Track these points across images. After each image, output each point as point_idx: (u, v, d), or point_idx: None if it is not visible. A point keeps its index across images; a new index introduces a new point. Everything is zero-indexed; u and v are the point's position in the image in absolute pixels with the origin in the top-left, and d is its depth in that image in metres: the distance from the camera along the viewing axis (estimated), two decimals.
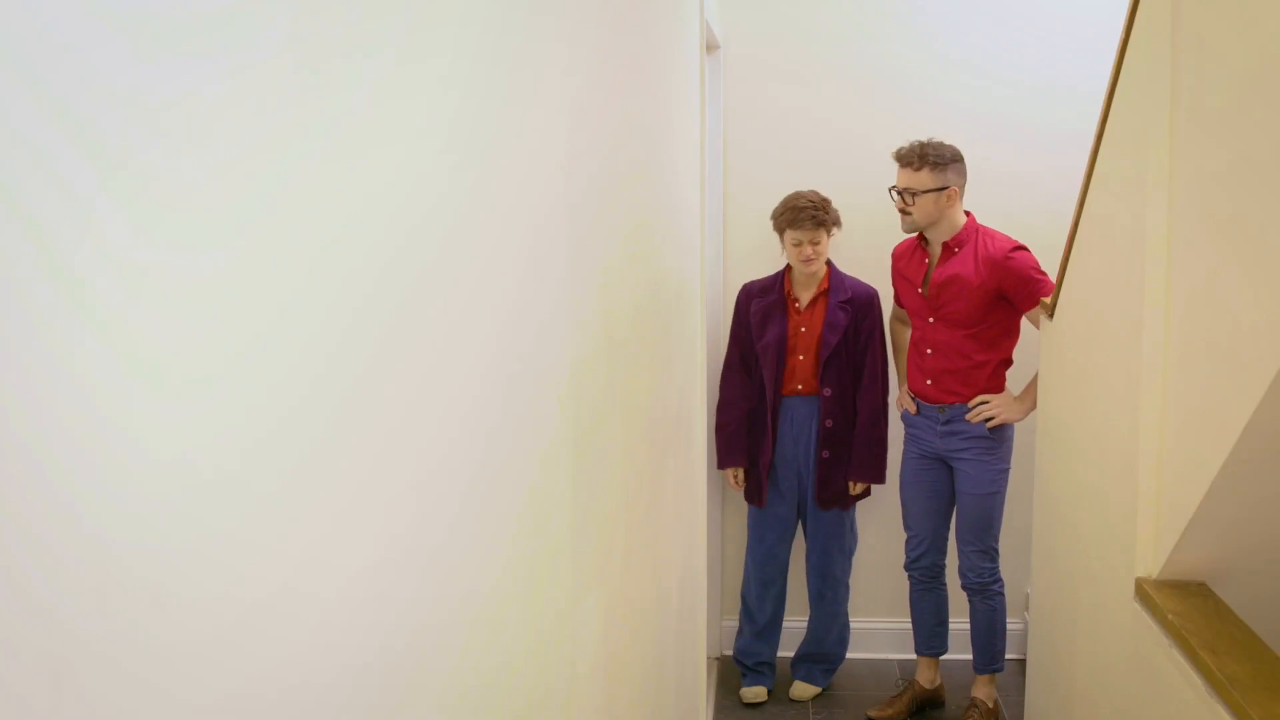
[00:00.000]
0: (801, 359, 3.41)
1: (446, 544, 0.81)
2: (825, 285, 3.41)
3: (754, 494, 3.52)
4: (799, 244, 3.31)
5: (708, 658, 3.62)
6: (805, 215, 3.28)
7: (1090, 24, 3.44)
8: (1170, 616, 1.84)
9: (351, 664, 0.64)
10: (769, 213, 3.72)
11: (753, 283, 3.53)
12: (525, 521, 1.04)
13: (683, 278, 2.53)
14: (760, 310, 3.44)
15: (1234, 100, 1.65)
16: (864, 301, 3.39)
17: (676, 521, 2.49)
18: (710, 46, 3.43)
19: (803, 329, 3.41)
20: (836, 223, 3.35)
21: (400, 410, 0.71)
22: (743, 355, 3.51)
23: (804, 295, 3.43)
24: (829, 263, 3.42)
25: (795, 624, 3.73)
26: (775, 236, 3.75)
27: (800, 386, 3.43)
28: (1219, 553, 1.89)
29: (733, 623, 3.86)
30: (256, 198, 0.52)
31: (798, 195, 3.33)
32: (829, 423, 3.41)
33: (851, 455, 3.43)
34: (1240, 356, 1.59)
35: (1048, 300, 2.89)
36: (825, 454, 3.42)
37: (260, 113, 0.52)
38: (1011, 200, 3.58)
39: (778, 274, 3.48)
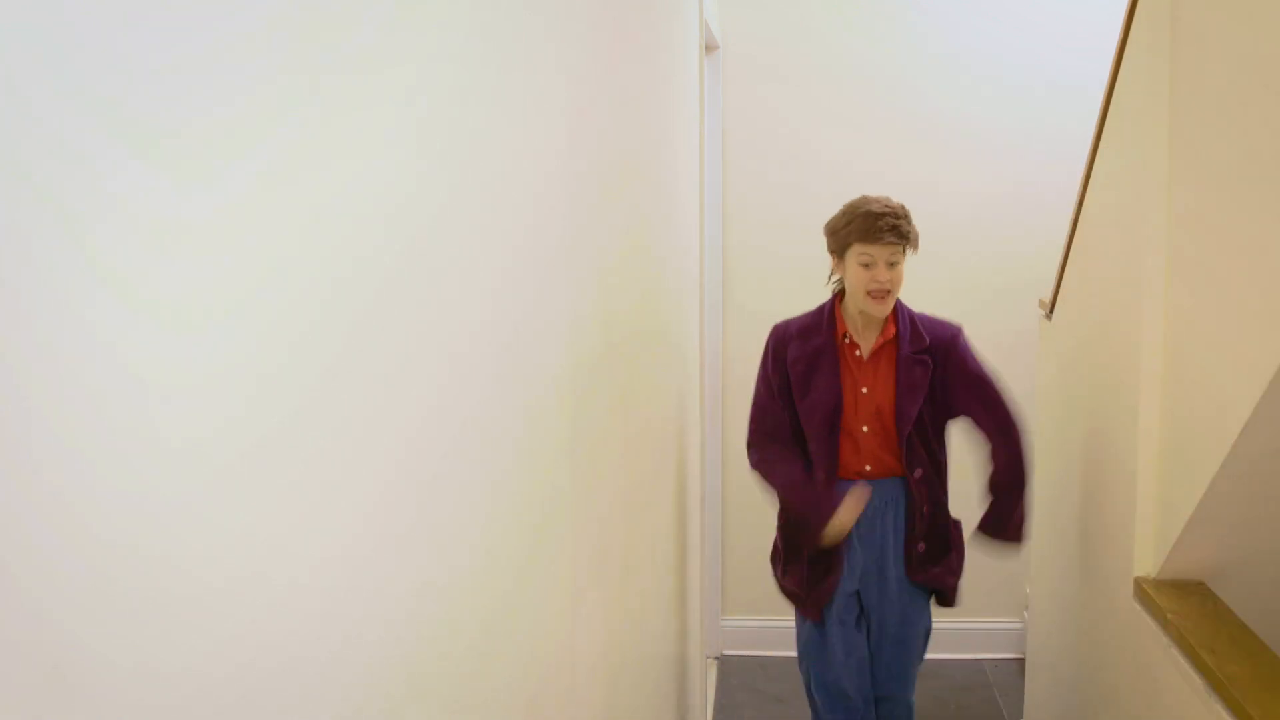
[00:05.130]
0: (865, 431, 2.44)
1: (446, 542, 0.81)
2: (893, 329, 2.43)
3: (820, 608, 2.55)
4: (870, 264, 2.33)
5: (707, 658, 3.63)
6: (884, 225, 2.30)
7: (1089, 24, 3.44)
8: (1169, 616, 1.84)
9: (351, 663, 0.64)
10: (768, 212, 3.72)
11: (787, 322, 2.54)
12: (525, 521, 1.04)
13: (682, 277, 2.53)
14: (803, 358, 2.46)
15: (1234, 99, 1.65)
16: (946, 345, 2.45)
17: (676, 521, 2.49)
18: (710, 47, 3.43)
19: (864, 389, 2.43)
20: (916, 241, 2.40)
21: (401, 408, 0.71)
22: (775, 427, 2.51)
23: (863, 340, 2.45)
24: (899, 301, 2.46)
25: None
26: (775, 235, 3.74)
27: (869, 467, 2.46)
28: (1218, 552, 1.89)
29: (732, 622, 3.85)
30: (257, 196, 0.52)
31: (867, 199, 2.38)
32: (926, 509, 2.48)
33: (996, 518, 2.48)
34: (1239, 355, 1.59)
35: (1045, 300, 2.89)
36: (921, 547, 2.50)
37: (260, 114, 0.52)
38: (1010, 200, 3.59)
39: (821, 309, 2.52)
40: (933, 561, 2.51)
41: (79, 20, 0.39)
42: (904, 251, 2.35)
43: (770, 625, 3.78)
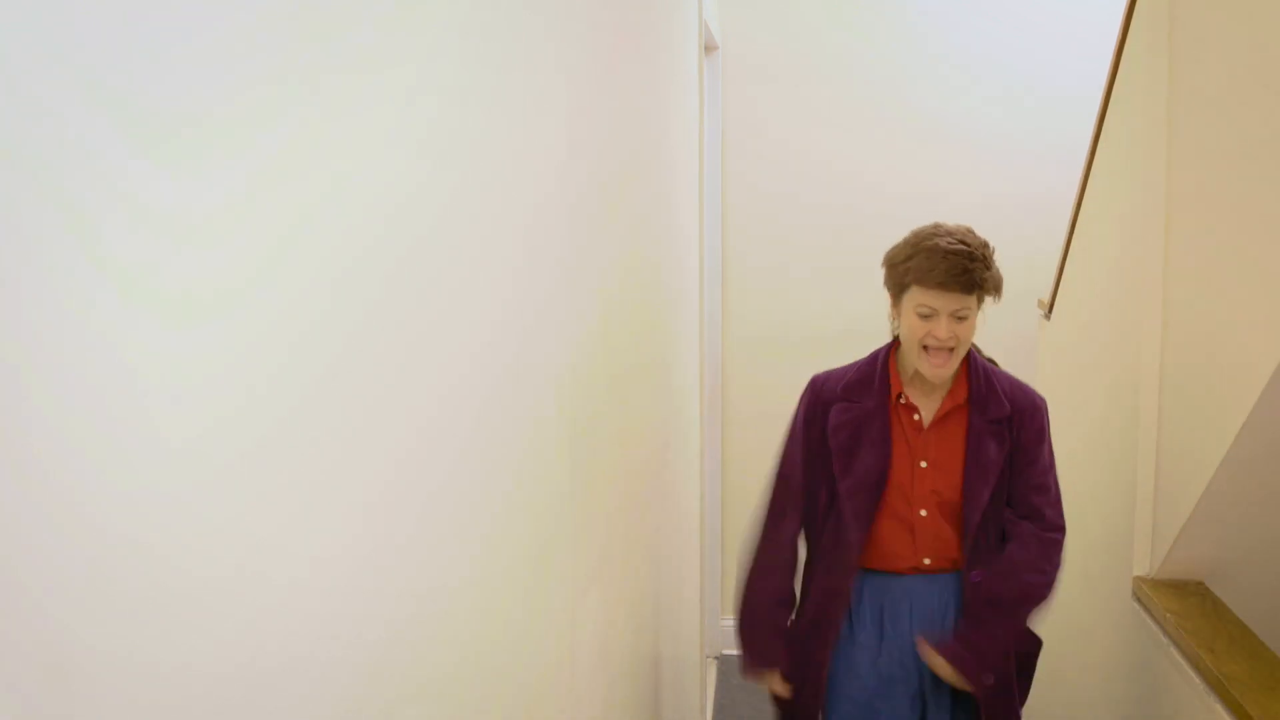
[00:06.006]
0: (924, 515, 1.92)
1: (448, 542, 0.81)
2: (964, 391, 1.93)
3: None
4: (930, 315, 1.82)
5: (707, 657, 3.63)
6: (952, 269, 1.80)
7: (1088, 25, 3.44)
8: (1168, 615, 1.84)
9: (351, 662, 0.64)
10: (766, 213, 3.72)
11: (828, 375, 2.02)
12: (527, 522, 1.04)
13: (681, 278, 2.53)
14: (848, 425, 1.93)
15: (1232, 99, 1.65)
16: (1025, 413, 1.93)
17: (675, 520, 2.49)
18: (709, 47, 3.43)
19: (922, 463, 1.92)
20: (997, 288, 1.89)
21: (403, 408, 0.71)
22: (792, 499, 2.01)
23: (925, 402, 1.94)
24: (972, 351, 1.96)
25: None
26: (774, 234, 3.75)
27: (928, 560, 1.94)
28: (1216, 551, 1.89)
29: (732, 622, 3.84)
30: (255, 195, 0.52)
31: (938, 230, 1.86)
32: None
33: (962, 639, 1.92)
34: (1237, 356, 1.59)
35: (1045, 300, 2.89)
36: (990, 680, 1.91)
37: (258, 112, 0.52)
38: (1011, 200, 3.59)
39: (873, 358, 1.99)
40: (1004, 693, 1.93)
41: (83, 17, 0.40)
42: (978, 301, 1.84)
43: None
